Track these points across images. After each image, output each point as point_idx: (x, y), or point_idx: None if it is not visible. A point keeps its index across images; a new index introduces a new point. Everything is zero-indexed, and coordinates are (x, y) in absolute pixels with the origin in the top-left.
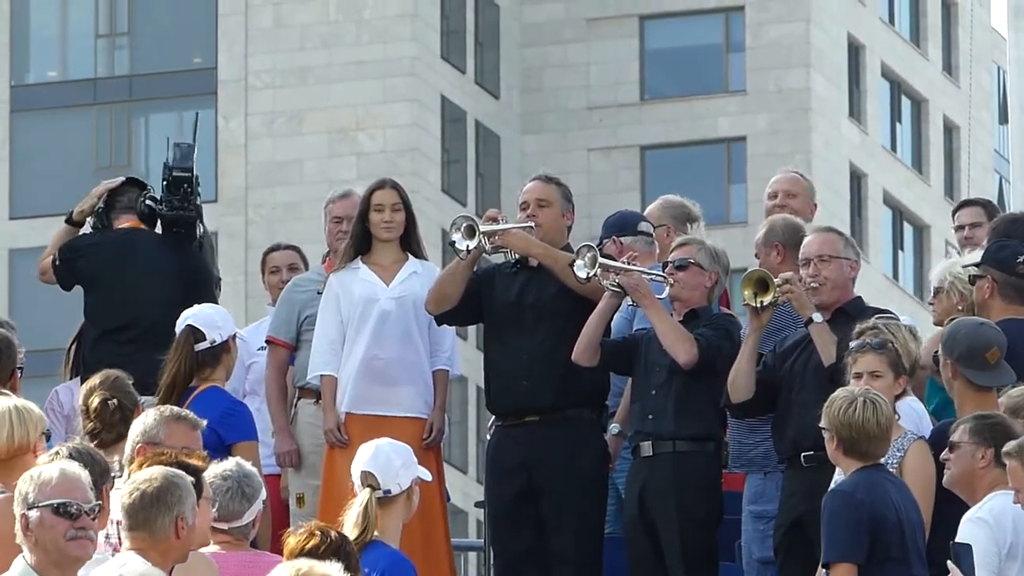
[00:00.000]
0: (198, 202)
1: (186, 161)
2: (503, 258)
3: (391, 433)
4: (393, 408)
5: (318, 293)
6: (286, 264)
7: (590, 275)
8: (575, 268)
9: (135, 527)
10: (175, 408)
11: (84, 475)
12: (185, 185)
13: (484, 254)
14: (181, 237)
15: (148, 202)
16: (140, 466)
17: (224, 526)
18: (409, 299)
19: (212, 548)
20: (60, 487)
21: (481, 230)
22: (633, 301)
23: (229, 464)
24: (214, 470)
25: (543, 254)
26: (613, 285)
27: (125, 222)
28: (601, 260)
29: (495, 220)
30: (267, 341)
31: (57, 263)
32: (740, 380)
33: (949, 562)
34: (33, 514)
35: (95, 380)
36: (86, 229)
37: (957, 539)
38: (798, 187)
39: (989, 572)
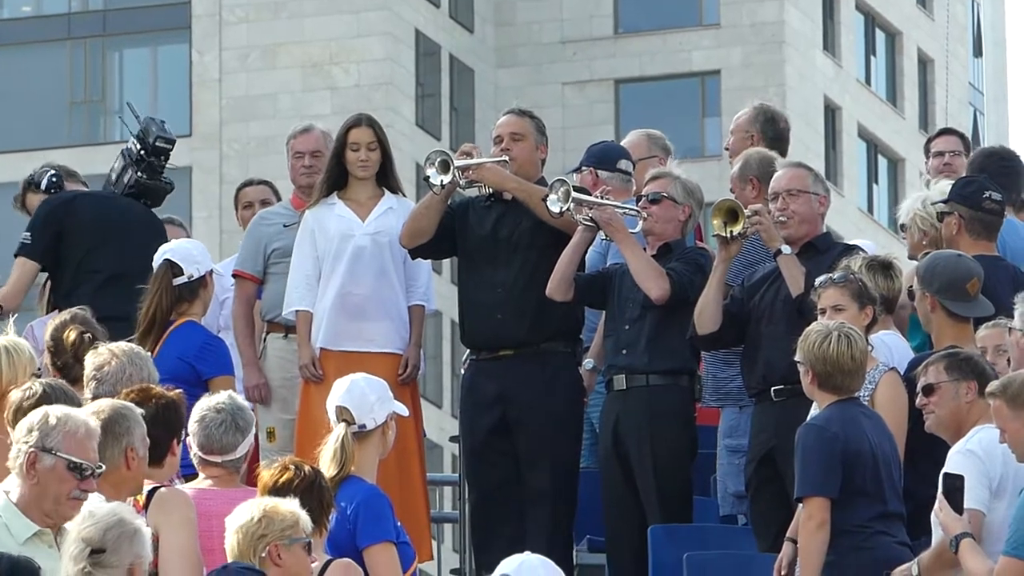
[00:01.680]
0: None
1: (168, 133)
2: (477, 192)
3: (366, 369)
4: (368, 344)
5: (284, 226)
6: (259, 199)
7: (563, 209)
8: (548, 202)
9: None
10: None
11: (99, 434)
12: (163, 157)
13: (458, 188)
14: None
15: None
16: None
17: (218, 459)
18: (384, 235)
19: (204, 483)
20: (83, 443)
21: (455, 164)
22: (606, 236)
23: (222, 397)
24: (206, 402)
25: (517, 188)
26: (586, 219)
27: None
28: (574, 195)
29: (469, 155)
30: (233, 275)
31: (29, 241)
32: (707, 311)
33: (939, 494)
34: (47, 458)
35: (66, 316)
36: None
37: (946, 471)
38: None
39: (979, 505)
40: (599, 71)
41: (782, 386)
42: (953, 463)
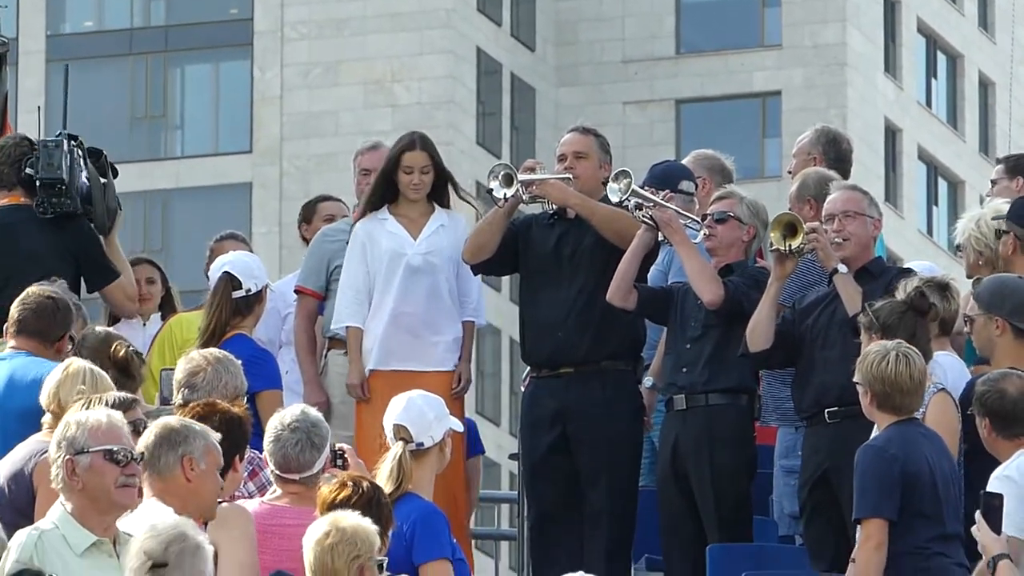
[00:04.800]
0: (82, 180)
1: (51, 161)
2: (540, 209)
3: (420, 388)
4: (422, 363)
5: (346, 243)
6: (341, 214)
7: (622, 200)
8: (608, 191)
9: (147, 468)
10: None
11: (125, 422)
12: (58, 185)
13: (521, 203)
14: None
15: (28, 171)
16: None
17: (295, 476)
18: (436, 253)
19: (282, 500)
20: (109, 433)
21: (519, 179)
22: (664, 237)
23: (294, 412)
24: (279, 419)
25: (580, 204)
26: (646, 218)
27: (4, 198)
28: (635, 187)
29: (533, 170)
30: (296, 291)
31: None
32: (759, 328)
33: (977, 513)
34: (83, 459)
35: (100, 331)
36: None
37: (985, 490)
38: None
39: (1016, 529)
40: (660, 91)
41: (836, 408)
42: (993, 488)
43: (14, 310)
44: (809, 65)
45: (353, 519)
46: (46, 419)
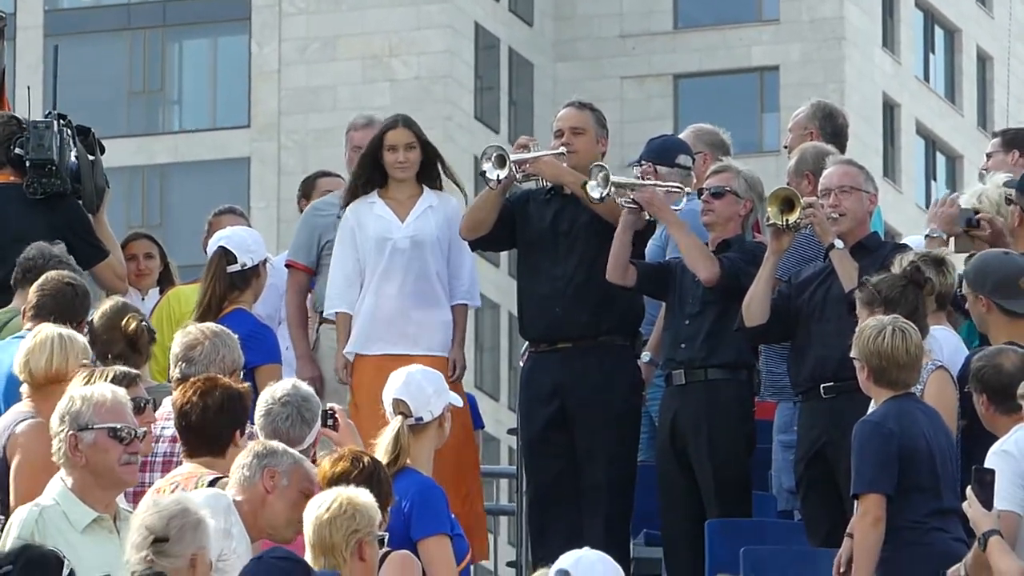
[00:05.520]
0: (71, 159)
1: (42, 141)
2: (535, 185)
3: None
4: (412, 346)
5: (338, 217)
6: (340, 189)
7: (603, 195)
8: (588, 188)
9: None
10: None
11: (128, 398)
12: (48, 166)
13: (515, 182)
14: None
15: (17, 150)
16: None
17: None
18: (424, 235)
19: None
20: (114, 410)
21: (511, 159)
22: (651, 216)
23: (285, 386)
24: (270, 394)
25: (574, 182)
26: (628, 202)
27: None
28: (613, 178)
29: (526, 147)
30: (286, 265)
31: None
32: (755, 303)
33: (968, 488)
34: (87, 435)
35: (117, 302)
36: None
37: (977, 466)
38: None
39: (1011, 504)
40: (658, 65)
41: (832, 383)
42: (989, 463)
43: (32, 295)
44: (807, 40)
45: (352, 493)
46: (23, 389)
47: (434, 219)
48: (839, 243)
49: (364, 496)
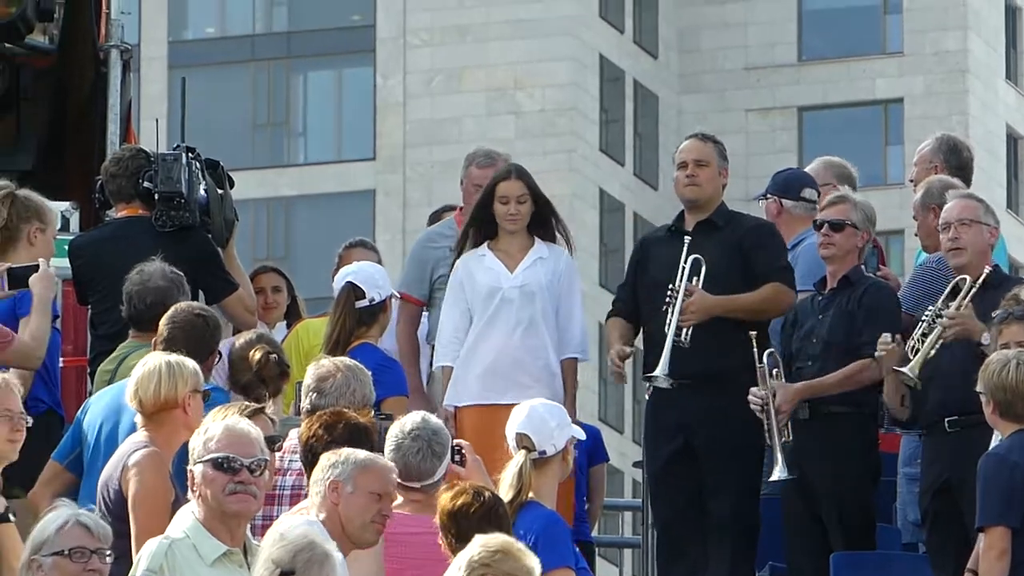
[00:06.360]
0: (200, 193)
1: (170, 174)
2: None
3: None
4: (518, 396)
5: (450, 250)
6: None
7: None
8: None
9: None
10: None
11: (254, 431)
12: (176, 199)
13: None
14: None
15: (146, 184)
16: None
17: (416, 484)
18: (533, 287)
19: (403, 508)
20: (222, 442)
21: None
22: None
23: (415, 419)
24: (400, 427)
25: (723, 305)
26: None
27: (123, 210)
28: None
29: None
30: (399, 296)
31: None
32: (898, 413)
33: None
34: (197, 469)
35: (251, 335)
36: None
37: None
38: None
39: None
40: (782, 98)
41: (956, 417)
42: None
43: (163, 327)
44: (931, 72)
45: (502, 537)
46: (136, 419)
47: (543, 270)
48: (985, 339)
49: (514, 542)
